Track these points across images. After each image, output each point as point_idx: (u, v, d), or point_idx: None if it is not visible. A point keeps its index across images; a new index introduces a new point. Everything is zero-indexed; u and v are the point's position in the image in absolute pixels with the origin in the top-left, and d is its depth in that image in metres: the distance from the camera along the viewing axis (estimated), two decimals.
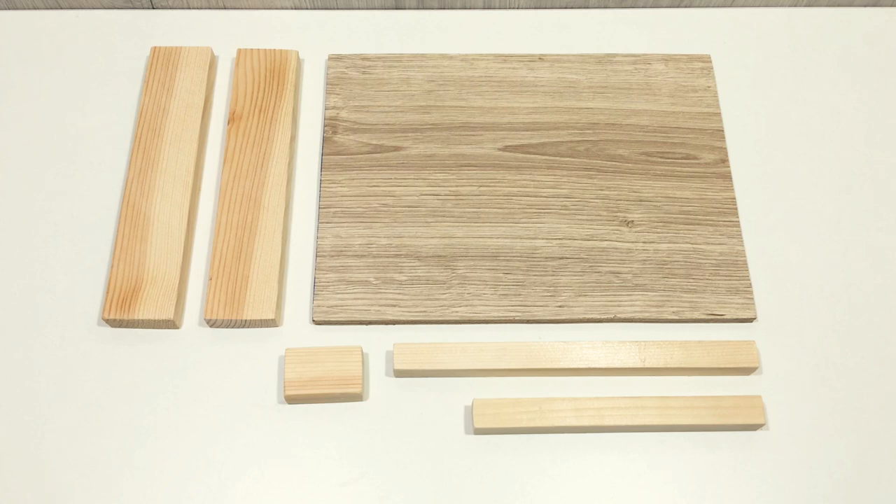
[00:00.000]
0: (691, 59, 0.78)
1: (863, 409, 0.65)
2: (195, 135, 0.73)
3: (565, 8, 0.82)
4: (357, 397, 0.64)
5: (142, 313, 0.65)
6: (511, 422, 0.62)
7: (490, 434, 0.64)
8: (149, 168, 0.71)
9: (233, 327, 0.67)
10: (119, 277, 0.67)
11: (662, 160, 0.73)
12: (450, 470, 0.63)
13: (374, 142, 0.74)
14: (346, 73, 0.77)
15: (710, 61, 0.78)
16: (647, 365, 0.65)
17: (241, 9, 0.81)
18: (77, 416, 0.64)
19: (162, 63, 0.76)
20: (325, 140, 0.74)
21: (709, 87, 0.77)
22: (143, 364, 0.66)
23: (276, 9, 0.81)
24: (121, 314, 0.65)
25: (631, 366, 0.65)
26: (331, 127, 0.74)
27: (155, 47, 0.76)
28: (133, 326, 0.67)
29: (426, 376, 0.66)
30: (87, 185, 0.72)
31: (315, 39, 0.80)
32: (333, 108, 0.75)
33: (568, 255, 0.69)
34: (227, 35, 0.80)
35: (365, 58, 0.78)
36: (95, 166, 0.73)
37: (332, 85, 0.76)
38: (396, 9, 0.81)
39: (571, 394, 0.65)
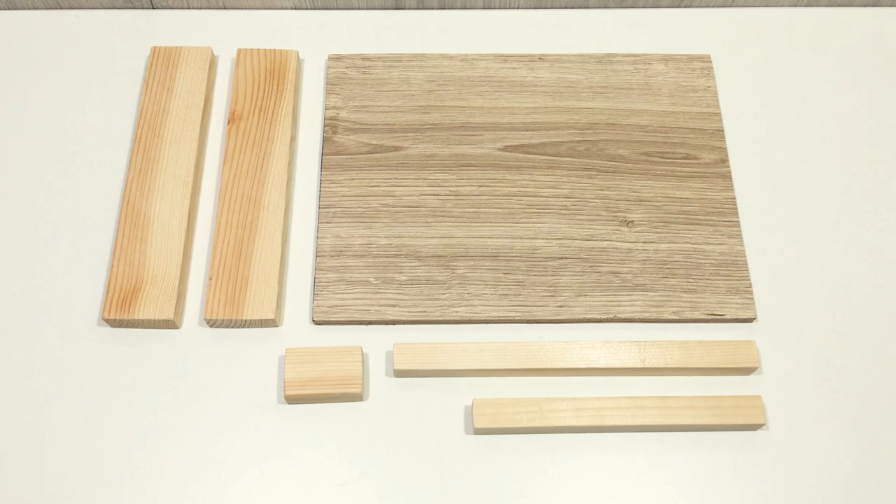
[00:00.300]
0: (691, 59, 0.78)
1: (863, 409, 0.65)
2: (195, 135, 0.73)
3: (565, 8, 0.82)
4: (357, 397, 0.64)
5: (142, 313, 0.65)
6: (511, 422, 0.62)
7: (490, 434, 0.64)
8: (149, 168, 0.71)
9: (233, 327, 0.67)
10: (119, 277, 0.67)
11: (662, 160, 0.73)
12: (450, 470, 0.63)
13: (374, 142, 0.74)
14: (346, 73, 0.77)
15: (710, 61, 0.78)
16: (647, 365, 0.65)
17: (241, 9, 0.81)
18: (77, 416, 0.64)
19: (162, 63, 0.76)
20: (325, 140, 0.74)
21: (709, 87, 0.77)
22: (143, 364, 0.66)
23: (276, 9, 0.81)
24: (121, 314, 0.65)
25: (631, 366, 0.65)
26: (331, 127, 0.74)
27: (155, 47, 0.76)
28: (133, 326, 0.67)
29: (426, 376, 0.66)
30: (87, 185, 0.72)
31: (315, 39, 0.80)
32: (333, 108, 0.75)
33: (568, 255, 0.69)
34: (227, 35, 0.80)
35: (365, 58, 0.78)
36: (95, 166, 0.73)
37: (332, 85, 0.76)
38: (396, 9, 0.81)
39: (571, 394, 0.65)
